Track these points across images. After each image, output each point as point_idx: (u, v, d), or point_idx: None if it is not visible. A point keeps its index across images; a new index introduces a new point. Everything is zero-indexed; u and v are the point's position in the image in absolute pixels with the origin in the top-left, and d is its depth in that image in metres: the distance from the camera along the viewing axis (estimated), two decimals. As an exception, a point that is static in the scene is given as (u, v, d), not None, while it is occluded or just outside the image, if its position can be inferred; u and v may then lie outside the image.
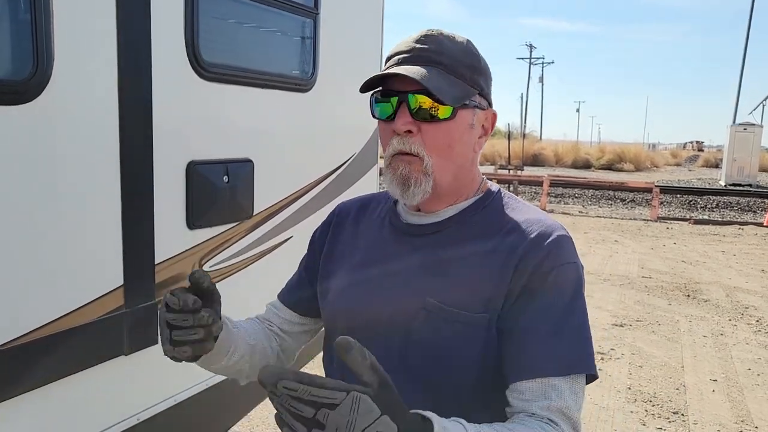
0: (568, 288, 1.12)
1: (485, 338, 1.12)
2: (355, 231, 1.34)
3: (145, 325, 2.05)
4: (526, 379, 1.08)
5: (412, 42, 1.16)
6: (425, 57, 1.14)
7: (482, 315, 1.11)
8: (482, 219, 1.21)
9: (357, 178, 3.31)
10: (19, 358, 1.68)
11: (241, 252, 2.52)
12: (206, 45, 2.23)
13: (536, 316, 1.10)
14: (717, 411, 4.39)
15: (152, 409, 2.16)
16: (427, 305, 1.14)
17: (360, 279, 1.25)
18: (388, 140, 1.17)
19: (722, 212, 16.69)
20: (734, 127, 26.11)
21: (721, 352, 5.59)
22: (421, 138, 1.13)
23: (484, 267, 1.14)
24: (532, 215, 1.20)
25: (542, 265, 1.11)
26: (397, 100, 1.14)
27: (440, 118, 1.13)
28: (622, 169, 35.25)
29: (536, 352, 1.09)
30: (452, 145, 1.15)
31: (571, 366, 1.09)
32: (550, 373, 1.08)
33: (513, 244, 1.14)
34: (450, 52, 1.15)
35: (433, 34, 1.17)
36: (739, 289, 7.90)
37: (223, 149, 2.38)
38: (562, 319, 1.10)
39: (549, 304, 1.10)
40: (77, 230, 1.83)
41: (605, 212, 15.76)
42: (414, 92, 1.11)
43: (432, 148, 1.14)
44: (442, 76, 1.12)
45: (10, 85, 1.62)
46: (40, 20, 1.64)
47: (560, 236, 1.15)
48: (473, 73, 1.17)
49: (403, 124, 1.12)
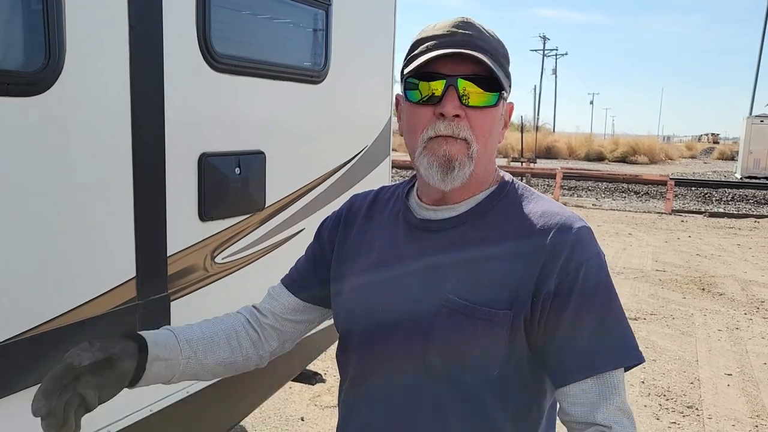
0: (600, 280, 1.11)
1: (508, 335, 1.10)
2: (368, 227, 1.31)
3: (157, 316, 2.06)
4: (579, 380, 1.07)
5: (451, 27, 1.12)
6: (470, 42, 1.11)
7: (506, 312, 1.09)
8: (500, 212, 1.18)
9: (369, 171, 3.29)
10: (33, 350, 1.69)
11: (253, 244, 2.52)
12: (218, 36, 2.22)
13: (578, 315, 1.08)
14: (732, 405, 4.35)
15: (165, 401, 2.17)
16: (448, 302, 1.11)
17: (377, 278, 1.22)
18: (428, 124, 1.12)
19: (738, 205, 16.53)
20: (750, 118, 25.82)
21: (736, 346, 5.54)
22: (468, 123, 1.10)
23: (507, 263, 1.11)
24: (549, 207, 1.17)
25: (570, 263, 1.09)
26: (446, 83, 1.09)
27: (487, 104, 1.11)
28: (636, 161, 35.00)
29: (585, 350, 1.08)
30: (492, 133, 1.15)
31: (623, 357, 1.09)
32: (603, 368, 1.07)
33: (536, 240, 1.12)
34: (489, 40, 1.13)
35: (471, 21, 1.14)
36: (754, 283, 7.82)
37: (235, 141, 2.37)
38: (603, 313, 1.09)
39: (587, 301, 1.09)
40: (89, 222, 1.83)
41: (619, 205, 15.66)
42: (462, 76, 1.09)
43: (478, 134, 1.11)
44: (490, 61, 1.10)
45: (22, 77, 1.62)
46: (52, 11, 1.63)
47: (581, 228, 1.13)
48: (506, 62, 1.16)
49: (453, 107, 1.08)
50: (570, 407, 1.09)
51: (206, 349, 1.28)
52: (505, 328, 1.09)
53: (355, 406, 1.25)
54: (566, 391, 1.09)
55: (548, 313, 1.09)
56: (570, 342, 1.08)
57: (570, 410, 1.09)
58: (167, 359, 1.21)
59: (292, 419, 3.93)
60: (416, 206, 1.24)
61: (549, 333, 1.09)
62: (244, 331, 1.36)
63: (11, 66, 1.64)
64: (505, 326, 1.09)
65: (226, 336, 1.33)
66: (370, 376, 1.21)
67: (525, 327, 1.10)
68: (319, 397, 4.22)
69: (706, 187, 19.81)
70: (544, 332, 1.10)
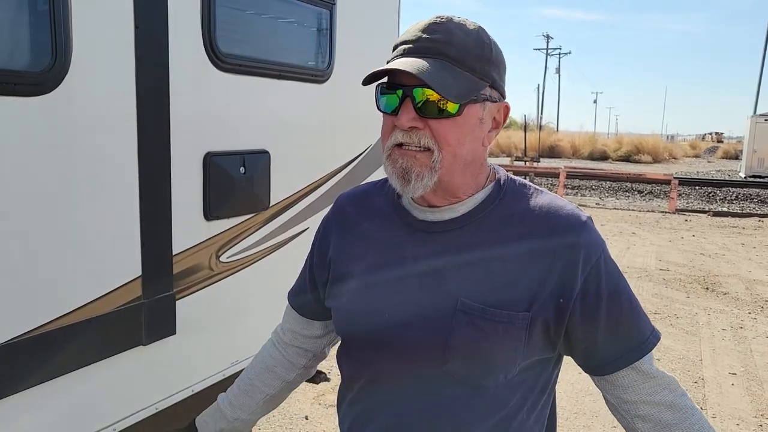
0: (614, 270, 1.16)
1: (526, 336, 1.10)
2: (361, 228, 1.27)
3: (163, 315, 2.07)
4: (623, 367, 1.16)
5: (419, 31, 1.09)
6: (432, 48, 1.07)
7: (525, 314, 1.09)
8: (504, 211, 1.16)
9: (372, 170, 3.30)
10: (39, 348, 1.70)
11: (258, 243, 2.52)
12: (223, 36, 2.23)
13: (612, 312, 1.14)
14: (736, 405, 4.35)
15: (170, 399, 2.18)
16: (464, 307, 1.10)
17: (378, 280, 1.19)
18: (390, 133, 1.12)
19: (742, 204, 16.47)
20: (755, 117, 25.71)
21: (741, 346, 5.52)
22: (430, 131, 1.08)
23: (520, 263, 1.11)
24: (551, 201, 1.17)
25: (588, 261, 1.12)
26: (402, 94, 1.08)
27: (447, 113, 1.07)
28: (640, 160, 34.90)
29: (627, 343, 1.16)
30: (461, 141, 1.09)
31: (654, 334, 1.19)
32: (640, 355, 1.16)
33: (548, 242, 1.11)
34: (459, 43, 1.08)
35: (443, 21, 1.09)
36: (759, 282, 7.80)
37: (239, 140, 2.38)
38: (627, 305, 1.16)
39: (612, 296, 1.14)
40: (95, 221, 1.84)
41: (622, 204, 15.63)
42: (420, 86, 1.05)
43: (442, 143, 1.08)
44: (448, 69, 1.06)
45: (28, 77, 1.63)
46: (58, 12, 1.64)
47: (587, 221, 1.15)
48: (484, 64, 1.10)
49: (407, 120, 1.07)
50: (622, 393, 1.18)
51: (245, 402, 1.45)
52: (524, 329, 1.09)
53: (366, 412, 1.22)
54: (612, 380, 1.18)
55: (580, 309, 1.11)
56: (617, 331, 1.15)
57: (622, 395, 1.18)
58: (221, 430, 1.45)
59: (296, 418, 3.94)
60: (412, 207, 1.21)
61: (586, 329, 1.13)
62: (272, 361, 1.46)
63: (18, 66, 1.65)
64: (524, 328, 1.09)
65: (259, 377, 1.46)
66: (382, 381, 1.19)
67: (546, 326, 1.11)
68: (323, 395, 4.23)
69: (710, 186, 19.76)
70: (579, 329, 1.13)
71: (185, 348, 2.21)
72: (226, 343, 2.44)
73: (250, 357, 2.55)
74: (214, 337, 2.37)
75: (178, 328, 2.13)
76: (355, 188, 1.38)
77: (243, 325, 2.51)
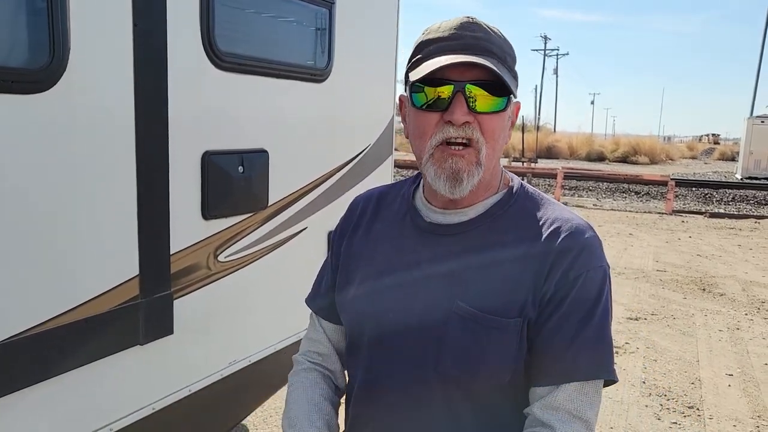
0: (592, 293, 1.10)
1: (518, 342, 1.10)
2: (374, 229, 1.28)
3: (160, 314, 2.06)
4: (551, 384, 1.10)
5: (455, 29, 1.09)
6: (478, 46, 1.08)
7: (516, 320, 1.09)
8: (511, 218, 1.16)
9: (372, 170, 3.29)
10: (35, 347, 1.69)
11: (256, 242, 2.52)
12: (222, 35, 2.22)
13: (557, 325, 1.09)
14: (733, 406, 4.35)
15: (167, 399, 2.17)
16: (459, 310, 1.10)
17: (386, 282, 1.19)
18: (435, 130, 1.09)
19: (738, 206, 16.51)
20: (751, 119, 25.80)
21: (737, 347, 5.53)
22: (478, 126, 1.08)
23: (517, 272, 1.11)
24: (561, 213, 1.16)
25: (571, 271, 1.09)
26: (453, 89, 1.07)
27: (498, 108, 1.09)
28: (637, 161, 34.97)
29: (553, 362, 1.09)
30: (502, 136, 1.13)
31: (587, 374, 1.10)
32: (563, 381, 1.09)
33: (545, 248, 1.11)
34: (497, 42, 1.11)
35: (477, 21, 1.11)
36: (755, 284, 7.82)
37: (238, 139, 2.37)
38: (580, 329, 1.09)
39: (570, 313, 1.09)
40: (93, 220, 1.83)
41: (620, 205, 15.65)
42: (470, 82, 1.06)
43: (488, 138, 1.09)
44: (498, 66, 1.07)
45: (26, 75, 1.62)
46: (56, 9, 1.63)
47: (590, 238, 1.13)
48: (513, 62, 1.14)
49: (462, 114, 1.06)
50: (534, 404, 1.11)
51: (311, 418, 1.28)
52: (516, 335, 1.09)
53: (366, 412, 1.23)
54: (537, 390, 1.12)
55: (541, 315, 1.09)
56: (545, 350, 1.10)
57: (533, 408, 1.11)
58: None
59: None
60: (424, 208, 1.21)
61: (537, 333, 1.10)
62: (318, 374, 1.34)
63: (16, 63, 1.64)
64: (516, 333, 1.09)
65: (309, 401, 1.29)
66: (381, 382, 1.19)
67: (528, 330, 1.11)
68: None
69: (707, 188, 19.79)
70: (534, 336, 1.10)
71: (183, 348, 2.20)
72: (224, 343, 2.43)
73: (249, 357, 2.56)
74: (211, 337, 2.36)
75: (175, 327, 2.12)
76: (374, 189, 1.38)
77: (241, 324, 2.50)
